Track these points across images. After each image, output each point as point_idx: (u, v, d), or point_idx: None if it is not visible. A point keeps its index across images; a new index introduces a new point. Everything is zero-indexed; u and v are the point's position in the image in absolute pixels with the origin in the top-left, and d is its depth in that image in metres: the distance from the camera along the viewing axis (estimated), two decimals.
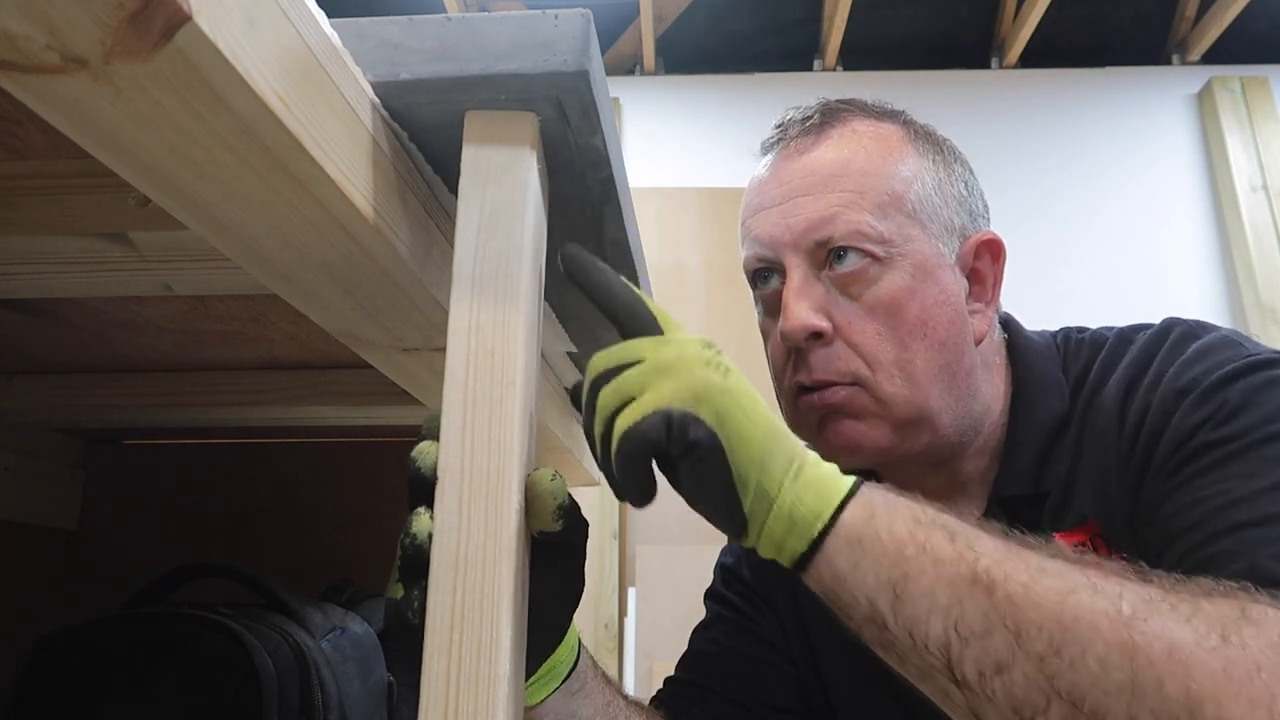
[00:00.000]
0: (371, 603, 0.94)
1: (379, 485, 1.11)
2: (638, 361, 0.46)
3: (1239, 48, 3.05)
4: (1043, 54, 3.11)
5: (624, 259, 0.63)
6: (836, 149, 0.68)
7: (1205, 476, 0.56)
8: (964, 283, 0.69)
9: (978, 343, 0.68)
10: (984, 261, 0.70)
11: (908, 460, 0.67)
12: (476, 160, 0.46)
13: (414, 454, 0.45)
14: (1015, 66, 3.14)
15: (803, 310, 0.65)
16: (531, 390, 0.47)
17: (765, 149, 0.74)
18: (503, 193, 0.45)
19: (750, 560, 0.82)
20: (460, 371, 0.43)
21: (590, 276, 0.49)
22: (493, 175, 0.46)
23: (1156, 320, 0.68)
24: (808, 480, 0.47)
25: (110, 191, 0.50)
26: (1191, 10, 3.04)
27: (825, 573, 0.46)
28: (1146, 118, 3.04)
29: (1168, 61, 3.14)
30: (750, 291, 0.73)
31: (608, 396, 0.46)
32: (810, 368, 0.65)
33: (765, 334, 0.72)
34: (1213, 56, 3.09)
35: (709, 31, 3.14)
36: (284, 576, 0.88)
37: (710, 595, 0.84)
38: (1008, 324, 0.75)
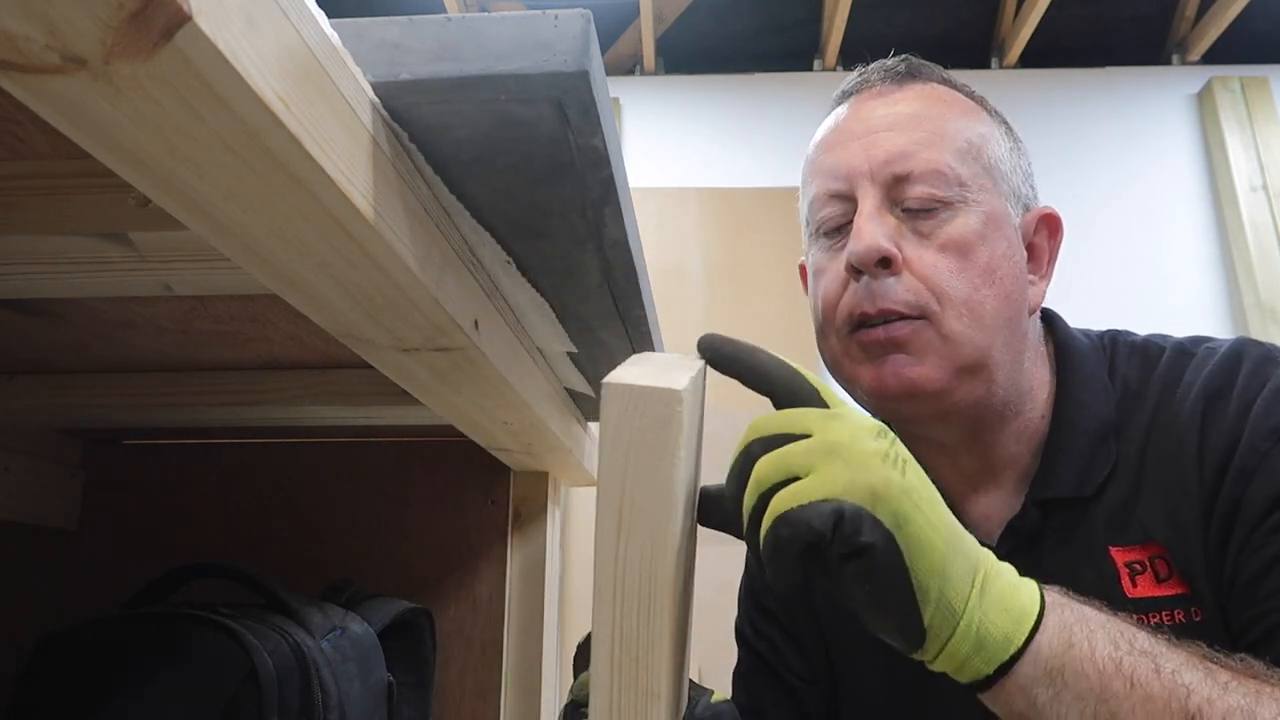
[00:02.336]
0: (371, 603, 0.94)
1: (379, 485, 1.11)
2: (804, 435, 0.43)
3: (1239, 48, 3.05)
4: (1043, 54, 3.11)
5: (624, 259, 0.63)
6: (919, 98, 0.69)
7: None
8: (1023, 252, 0.69)
9: (1031, 313, 0.68)
10: (1041, 236, 0.71)
11: (955, 415, 0.65)
12: (616, 439, 0.42)
13: None
14: (1015, 66, 3.14)
15: (876, 233, 0.63)
16: (682, 697, 0.45)
17: (843, 96, 0.74)
18: (643, 488, 0.41)
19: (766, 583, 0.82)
20: (605, 678, 0.42)
21: (737, 359, 0.46)
22: (631, 468, 0.41)
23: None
24: (995, 595, 0.44)
25: (110, 191, 0.50)
26: (1191, 10, 3.04)
27: (1017, 699, 0.44)
28: (1146, 118, 3.04)
29: (1168, 61, 3.14)
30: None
31: (767, 468, 0.42)
32: (874, 296, 0.63)
33: (818, 272, 0.69)
34: (1213, 56, 3.10)
35: (709, 31, 3.14)
36: (284, 576, 0.88)
37: (738, 635, 0.83)
38: (1051, 320, 0.74)
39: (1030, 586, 0.46)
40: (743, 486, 0.44)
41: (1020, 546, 0.66)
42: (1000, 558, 0.66)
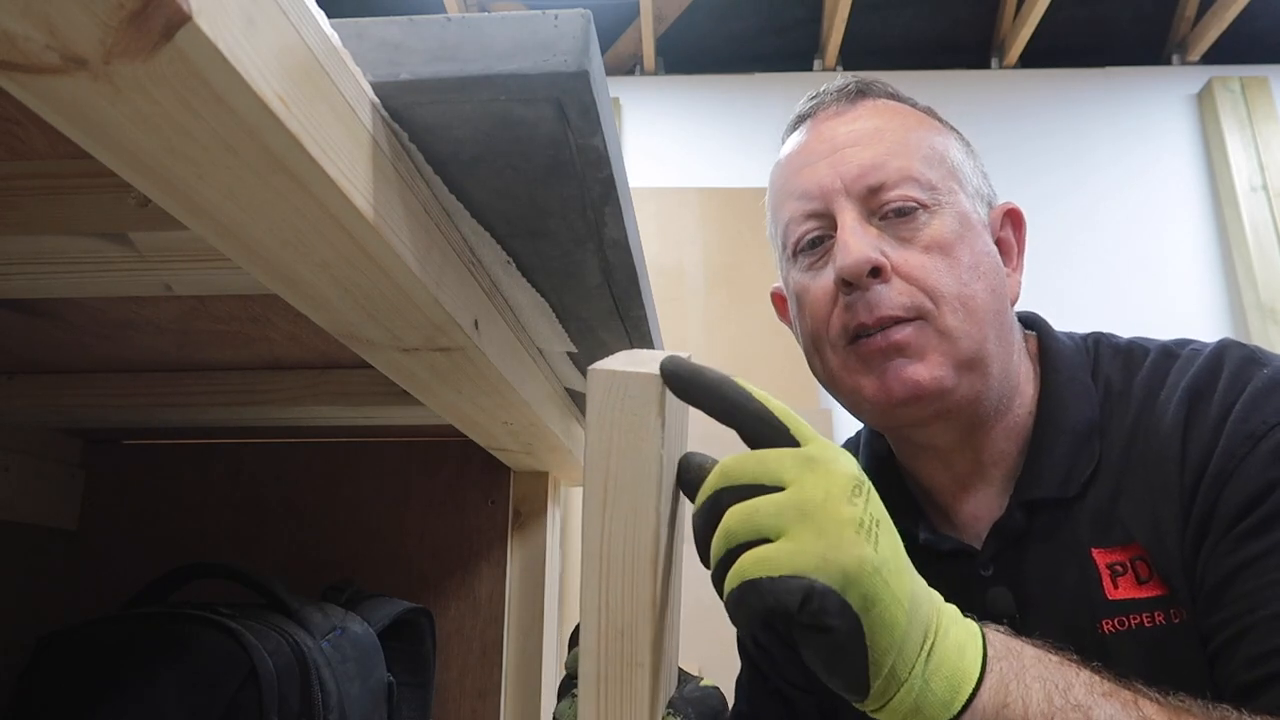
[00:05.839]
0: (371, 603, 0.94)
1: (379, 485, 1.11)
2: (777, 486, 0.42)
3: (1239, 48, 3.05)
4: (1043, 54, 3.11)
5: (624, 259, 0.63)
6: (876, 113, 0.71)
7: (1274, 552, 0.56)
8: (995, 247, 0.70)
9: (1011, 304, 0.70)
10: (1008, 230, 0.73)
11: (955, 412, 0.66)
12: (600, 420, 0.44)
13: (555, 715, 0.46)
14: (1015, 66, 3.14)
15: (862, 244, 0.64)
16: (668, 672, 0.46)
17: (799, 120, 0.75)
18: (625, 466, 0.43)
19: None
20: (592, 649, 0.44)
21: (704, 389, 0.45)
22: (614, 447, 0.44)
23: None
24: (938, 661, 0.44)
25: (110, 191, 0.50)
26: (1191, 10, 3.04)
27: None
28: (1146, 118, 3.04)
29: (1168, 61, 3.14)
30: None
31: (735, 522, 0.42)
32: (871, 305, 0.64)
33: (802, 291, 0.70)
34: (1213, 56, 3.10)
35: (709, 31, 3.14)
36: (284, 576, 0.88)
37: (739, 646, 0.84)
38: (1035, 322, 0.75)
39: (974, 646, 0.46)
40: (709, 529, 0.44)
41: (1006, 547, 0.67)
42: (987, 558, 0.68)
